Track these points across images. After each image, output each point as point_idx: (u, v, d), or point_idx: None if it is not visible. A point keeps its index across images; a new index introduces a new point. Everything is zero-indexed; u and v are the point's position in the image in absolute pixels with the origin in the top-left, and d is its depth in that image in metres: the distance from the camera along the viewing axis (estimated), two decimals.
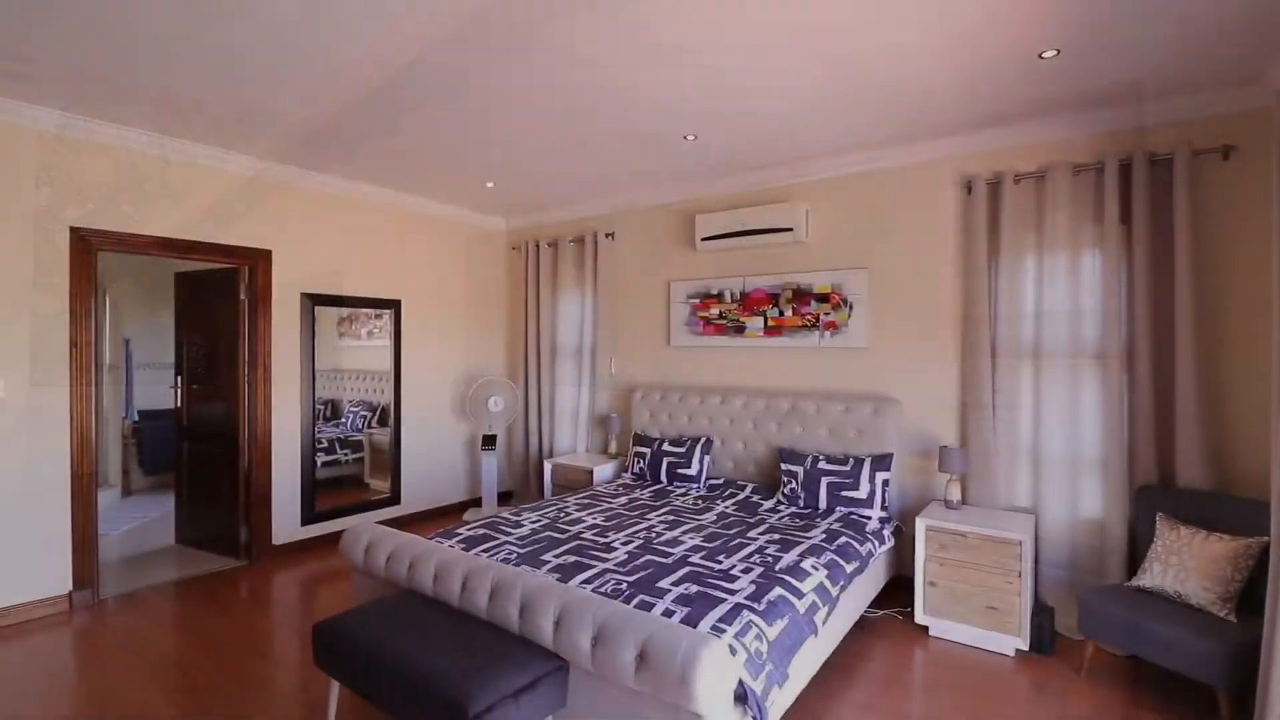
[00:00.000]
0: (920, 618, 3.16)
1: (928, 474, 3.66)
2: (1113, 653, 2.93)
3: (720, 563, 2.61)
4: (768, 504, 3.63)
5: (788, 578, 2.46)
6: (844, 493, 3.47)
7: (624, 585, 2.34)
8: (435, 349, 5.27)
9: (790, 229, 3.94)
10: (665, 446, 4.23)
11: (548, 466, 4.79)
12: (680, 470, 4.09)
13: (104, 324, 5.76)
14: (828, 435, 3.77)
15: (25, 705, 2.46)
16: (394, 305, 4.94)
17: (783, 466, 3.73)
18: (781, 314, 4.13)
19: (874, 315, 3.82)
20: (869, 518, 3.37)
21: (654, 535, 2.98)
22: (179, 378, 4.53)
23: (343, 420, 4.98)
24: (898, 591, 3.66)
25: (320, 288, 4.45)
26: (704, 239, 4.30)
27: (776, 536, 2.98)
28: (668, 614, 2.10)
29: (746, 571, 2.50)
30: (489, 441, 5.12)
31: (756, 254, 4.28)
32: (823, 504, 3.50)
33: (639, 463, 4.31)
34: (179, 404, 4.52)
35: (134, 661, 2.79)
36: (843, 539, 3.00)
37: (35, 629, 3.09)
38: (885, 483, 3.44)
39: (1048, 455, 3.28)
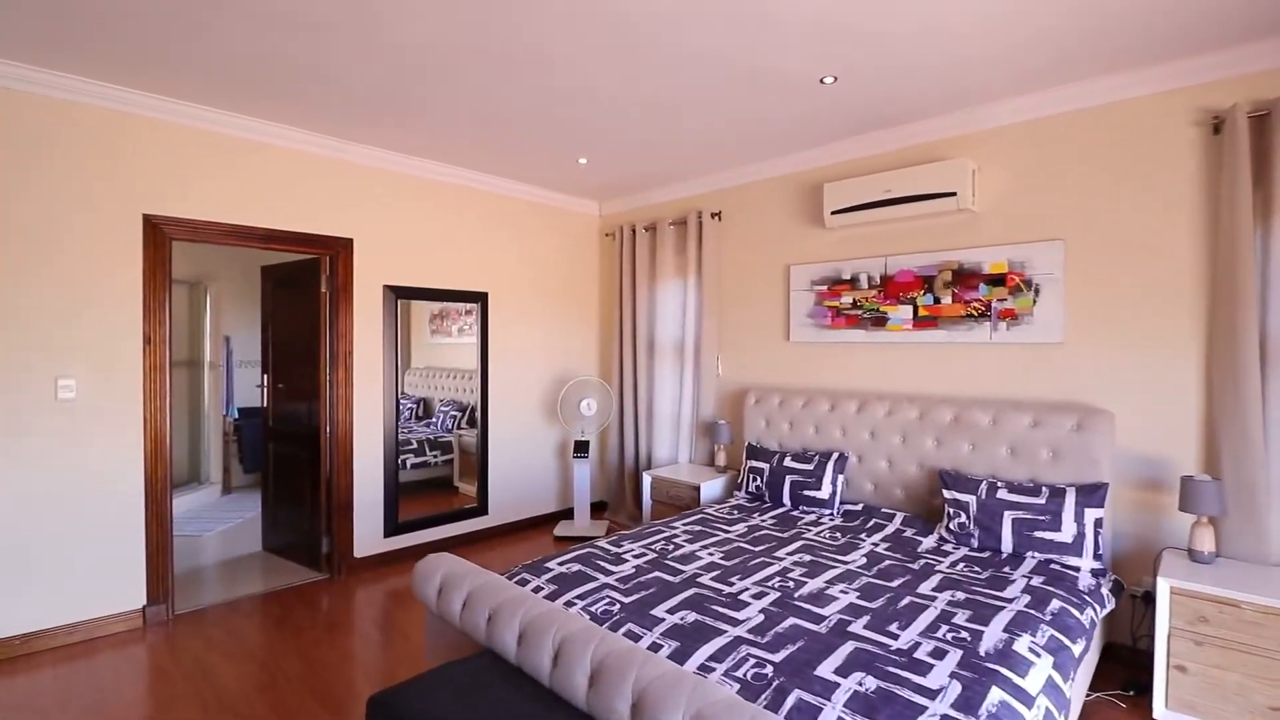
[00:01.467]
0: (1161, 712, 2.30)
1: (1153, 511, 2.75)
2: None
3: (895, 636, 1.91)
4: (928, 541, 2.86)
5: (1002, 669, 1.73)
6: (1037, 533, 2.65)
7: (768, 670, 1.70)
8: (524, 345, 4.84)
9: (952, 194, 3.13)
10: (787, 462, 3.53)
11: (646, 479, 4.21)
12: (807, 492, 3.38)
13: (204, 322, 5.78)
14: (1008, 455, 2.94)
15: None
16: (480, 298, 4.54)
17: (946, 494, 2.95)
18: (937, 301, 3.33)
19: (1071, 300, 2.95)
20: (1077, 570, 2.53)
21: (792, 585, 2.32)
22: (265, 376, 4.34)
23: (433, 420, 4.67)
24: (1105, 661, 2.80)
25: (403, 279, 4.10)
26: (834, 212, 3.57)
27: (960, 596, 2.23)
28: None
29: (938, 656, 1.78)
30: (581, 448, 4.62)
31: (903, 228, 3.49)
32: (1006, 546, 2.70)
33: (755, 480, 3.64)
34: (265, 403, 4.33)
35: (190, 698, 2.46)
36: (1055, 603, 2.20)
37: (103, 647, 2.86)
38: (1098, 523, 2.59)
39: None
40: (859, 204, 3.45)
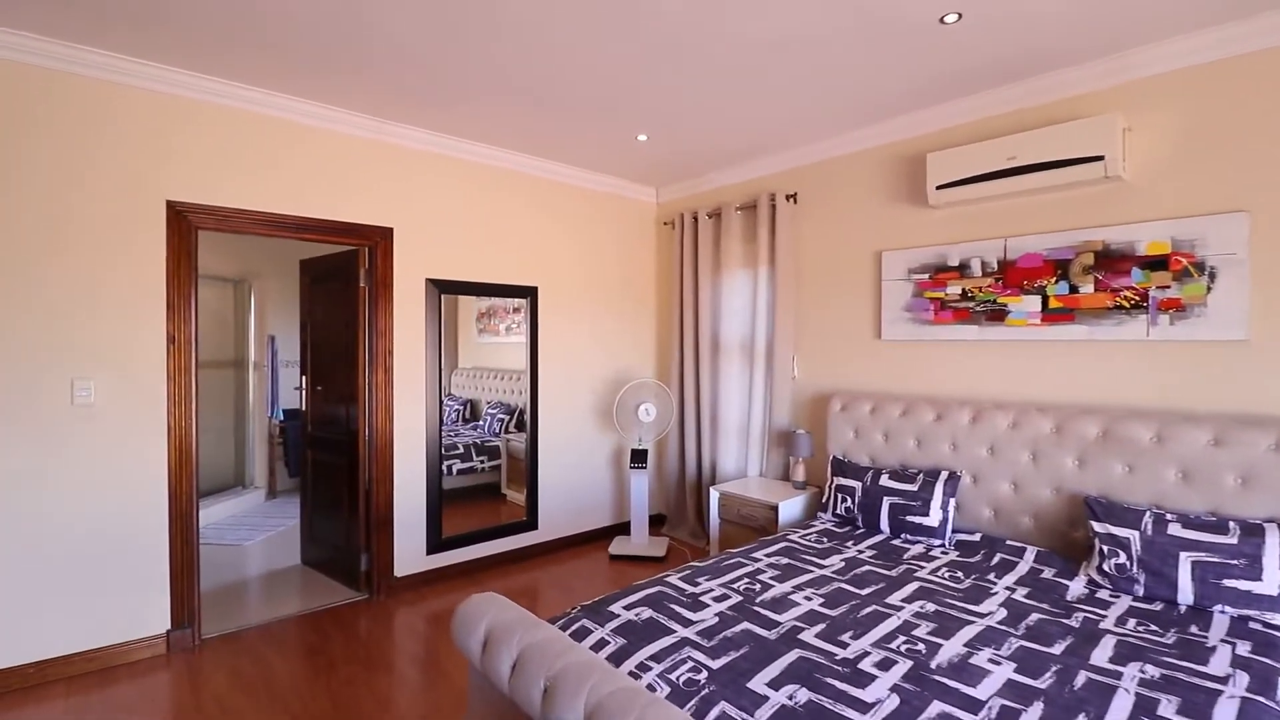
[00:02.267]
0: None
1: None
2: None
3: None
4: (1075, 586, 2.31)
5: None
6: (1228, 581, 2.07)
7: None
8: (576, 344, 4.45)
9: (1098, 157, 2.56)
10: (884, 481, 3.02)
11: (713, 495, 3.76)
12: (911, 518, 2.86)
13: (248, 321, 5.62)
14: (1179, 480, 2.37)
15: None
16: (530, 293, 4.17)
17: (1096, 527, 2.39)
18: (1074, 290, 2.76)
19: (1259, 287, 2.35)
20: None
21: (923, 649, 1.83)
22: (304, 378, 4.08)
23: (480, 423, 4.37)
24: None
25: (447, 273, 3.76)
26: (940, 186, 3.03)
27: (1152, 672, 1.70)
28: None
29: None
30: (639, 457, 4.20)
31: (1029, 202, 2.93)
32: (1185, 597, 2.13)
33: (843, 501, 3.14)
34: (304, 406, 4.07)
35: None
36: None
37: (121, 677, 2.60)
38: None
39: None
40: (973, 176, 2.91)
